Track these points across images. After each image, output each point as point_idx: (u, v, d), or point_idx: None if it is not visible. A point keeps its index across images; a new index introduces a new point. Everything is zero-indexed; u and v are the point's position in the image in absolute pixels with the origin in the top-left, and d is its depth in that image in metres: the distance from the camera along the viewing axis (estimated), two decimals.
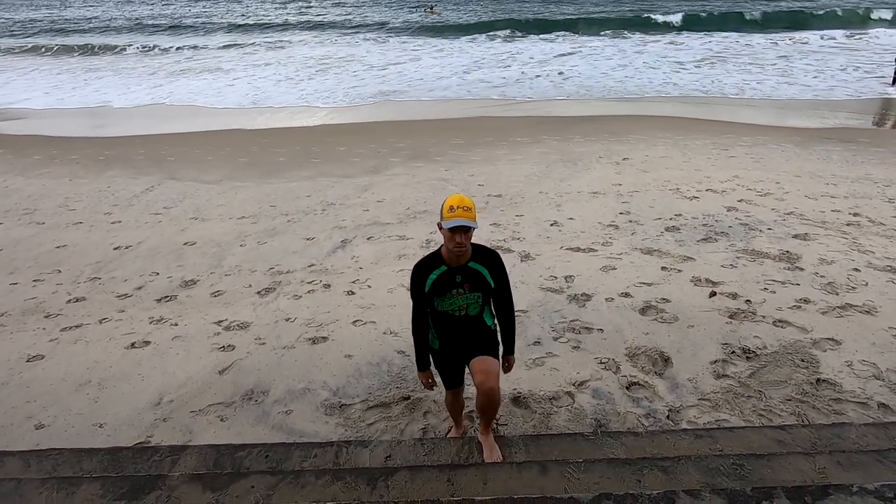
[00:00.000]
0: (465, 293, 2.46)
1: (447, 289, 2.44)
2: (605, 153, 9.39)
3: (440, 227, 2.36)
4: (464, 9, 42.75)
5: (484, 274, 2.46)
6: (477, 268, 2.45)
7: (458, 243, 2.31)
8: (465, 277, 2.44)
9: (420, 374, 2.69)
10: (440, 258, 2.45)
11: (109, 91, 17.53)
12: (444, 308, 2.49)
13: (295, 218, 6.88)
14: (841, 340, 3.76)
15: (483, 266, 2.47)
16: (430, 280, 2.43)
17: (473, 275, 2.45)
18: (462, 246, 2.33)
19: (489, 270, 2.48)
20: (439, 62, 20.76)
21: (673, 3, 38.13)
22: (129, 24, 37.31)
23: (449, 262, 2.42)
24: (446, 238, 2.34)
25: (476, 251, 2.47)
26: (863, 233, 5.71)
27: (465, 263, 2.43)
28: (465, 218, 2.27)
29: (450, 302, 2.47)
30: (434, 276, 2.43)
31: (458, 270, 2.43)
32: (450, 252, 2.38)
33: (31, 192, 8.27)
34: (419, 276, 2.47)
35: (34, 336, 4.31)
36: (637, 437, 2.77)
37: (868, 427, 2.77)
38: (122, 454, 2.75)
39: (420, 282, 2.47)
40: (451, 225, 2.27)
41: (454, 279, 2.44)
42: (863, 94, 14.56)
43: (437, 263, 2.44)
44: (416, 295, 2.52)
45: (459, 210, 2.27)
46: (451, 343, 2.61)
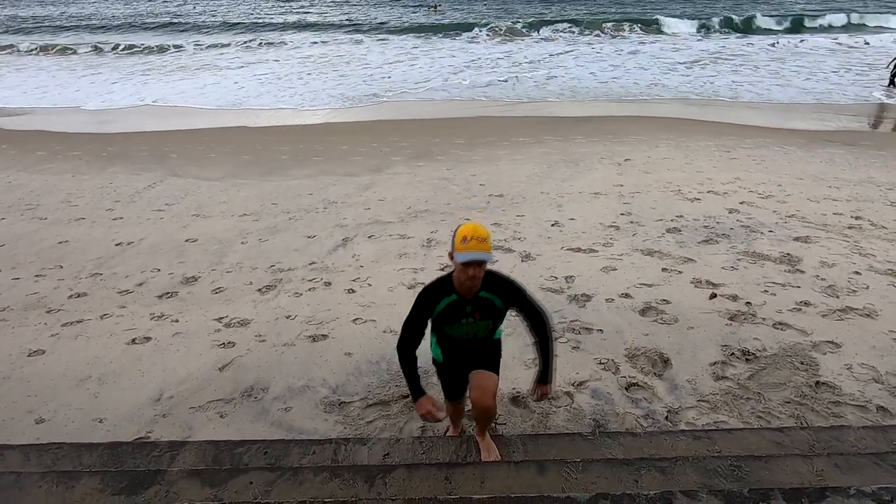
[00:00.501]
0: (475, 321, 2.39)
1: (457, 318, 2.37)
2: (606, 154, 9.39)
3: (451, 256, 2.22)
4: (468, 7, 42.79)
5: (495, 302, 2.37)
6: (488, 297, 2.35)
7: (470, 276, 2.19)
8: (476, 307, 2.36)
9: (418, 405, 2.40)
10: (451, 285, 2.32)
11: (88, 90, 17.05)
12: (451, 333, 2.45)
13: (296, 216, 6.89)
14: (841, 343, 3.76)
15: (494, 294, 2.36)
16: (440, 307, 2.34)
17: (484, 304, 2.36)
18: (476, 279, 2.22)
19: (501, 299, 2.38)
20: (431, 63, 20.60)
21: (678, 6, 38.20)
22: (124, 21, 36.98)
23: (460, 290, 2.31)
24: (458, 270, 2.21)
25: (487, 280, 2.32)
26: (864, 236, 5.70)
27: (476, 293, 2.33)
28: (481, 250, 2.12)
29: (458, 329, 2.41)
30: (443, 304, 2.33)
31: (470, 301, 2.34)
32: (462, 284, 2.27)
33: (33, 187, 8.29)
34: (427, 302, 2.35)
35: (35, 331, 4.32)
36: (635, 437, 2.78)
37: (866, 430, 2.77)
38: (121, 449, 2.76)
39: (427, 308, 2.36)
40: (465, 259, 2.13)
41: (464, 309, 2.35)
42: (858, 98, 14.63)
43: (447, 291, 2.32)
44: (417, 319, 2.38)
45: (473, 241, 2.12)
46: (455, 358, 2.57)
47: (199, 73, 19.50)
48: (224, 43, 26.87)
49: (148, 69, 20.69)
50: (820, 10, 32.77)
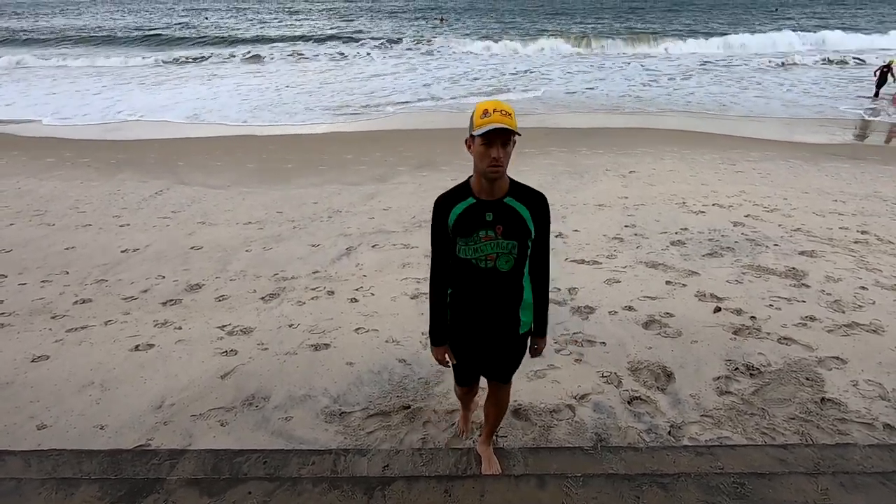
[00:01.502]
0: (495, 237, 1.91)
1: (474, 228, 1.90)
2: (611, 165, 9.40)
3: (468, 143, 1.84)
4: (476, 21, 43.32)
5: (524, 216, 1.91)
6: (515, 205, 1.91)
7: (494, 159, 1.77)
8: (498, 217, 1.90)
9: (435, 350, 2.21)
10: (468, 188, 1.94)
11: (56, 102, 16.25)
12: (466, 255, 1.95)
13: (301, 224, 6.93)
14: (847, 359, 3.72)
15: (523, 205, 1.92)
16: (455, 213, 1.91)
17: (509, 214, 1.90)
18: (499, 164, 1.78)
19: (531, 212, 1.92)
20: (412, 74, 20.64)
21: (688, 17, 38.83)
22: (121, 33, 36.71)
23: (479, 193, 1.90)
24: (478, 155, 1.80)
25: (515, 186, 1.94)
26: (871, 251, 5.66)
27: (500, 197, 1.90)
28: (505, 123, 1.72)
29: (475, 247, 1.92)
30: (459, 208, 1.91)
31: (491, 205, 1.89)
32: (482, 176, 1.85)
33: (42, 193, 8.39)
34: (441, 210, 1.95)
35: (40, 336, 4.35)
36: (637, 452, 2.75)
37: (873, 448, 2.73)
38: (121, 456, 2.76)
39: (442, 216, 1.94)
40: (487, 130, 1.72)
41: (484, 216, 1.90)
42: (843, 109, 14.97)
43: (464, 194, 1.93)
44: (438, 235, 1.99)
45: (496, 114, 1.73)
46: (468, 314, 2.11)
47: (165, 87, 19.27)
48: (201, 56, 26.64)
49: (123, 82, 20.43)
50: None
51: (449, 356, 2.27)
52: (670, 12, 46.61)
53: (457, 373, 2.49)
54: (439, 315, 2.16)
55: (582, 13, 48.44)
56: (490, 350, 2.25)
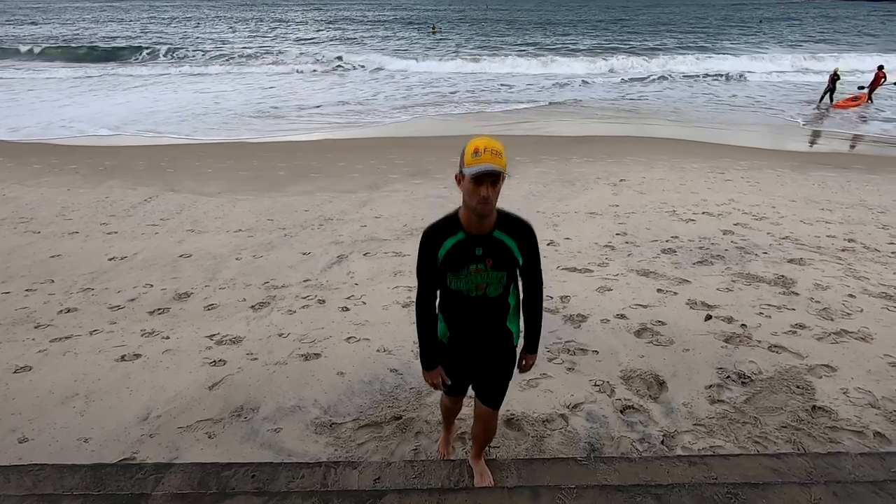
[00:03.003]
0: (485, 270, 1.98)
1: (464, 262, 1.95)
2: (602, 174, 9.47)
3: (458, 178, 1.87)
4: (468, 31, 43.62)
5: (511, 248, 1.98)
6: (503, 238, 1.97)
7: (483, 198, 1.80)
8: (488, 250, 1.95)
9: (427, 374, 2.22)
10: (457, 222, 1.96)
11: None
12: (458, 287, 2.00)
13: (292, 232, 6.88)
14: (836, 367, 3.74)
15: (511, 237, 1.98)
16: (444, 249, 1.95)
17: (498, 247, 1.96)
18: (488, 203, 1.82)
19: (518, 243, 1.99)
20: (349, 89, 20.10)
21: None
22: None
23: (468, 228, 1.93)
24: (468, 192, 1.83)
25: (503, 218, 1.98)
26: (858, 259, 5.74)
27: (488, 232, 1.95)
28: (494, 164, 1.76)
29: (465, 280, 1.98)
30: (449, 243, 1.94)
31: (480, 240, 1.94)
32: (471, 212, 1.89)
33: (28, 200, 8.26)
34: (431, 244, 1.97)
35: (23, 346, 4.25)
36: (631, 462, 2.73)
37: (864, 457, 2.73)
38: (104, 471, 2.69)
39: (431, 251, 1.97)
40: (477, 171, 1.76)
41: (473, 251, 1.95)
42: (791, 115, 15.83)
43: (453, 229, 1.95)
44: (426, 269, 2.02)
45: (487, 154, 1.76)
46: (463, 333, 2.17)
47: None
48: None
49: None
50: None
51: (443, 377, 2.29)
52: (656, 26, 47.18)
53: (447, 385, 2.45)
54: (428, 342, 2.19)
55: (573, 25, 49.07)
56: (482, 360, 2.29)
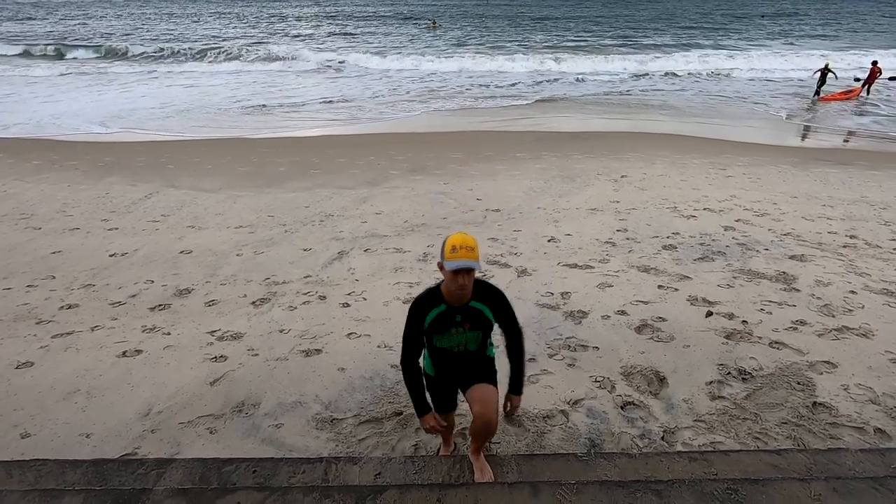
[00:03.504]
0: (464, 332, 2.41)
1: (447, 327, 2.38)
2: (603, 170, 9.45)
3: (441, 266, 2.26)
4: (468, 26, 43.42)
5: (485, 312, 2.41)
6: (478, 307, 2.39)
7: (460, 285, 2.23)
8: (466, 317, 2.38)
9: (422, 421, 2.52)
10: (440, 295, 2.37)
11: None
12: (442, 345, 2.44)
13: (292, 228, 6.87)
14: (837, 363, 3.74)
15: (484, 305, 2.40)
16: (430, 318, 2.36)
17: (474, 314, 2.39)
18: (465, 288, 2.25)
19: (491, 309, 2.41)
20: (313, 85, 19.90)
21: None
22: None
23: (449, 301, 2.35)
24: (448, 279, 2.25)
25: (477, 289, 2.38)
26: (859, 255, 5.72)
27: (466, 303, 2.36)
28: (469, 259, 2.17)
29: (448, 339, 2.42)
30: (433, 314, 2.36)
31: (459, 310, 2.36)
32: (451, 293, 2.31)
33: (29, 196, 8.26)
34: (418, 313, 2.39)
35: (25, 342, 4.26)
36: (631, 458, 2.73)
37: (864, 453, 2.73)
38: (106, 466, 2.70)
39: (419, 319, 2.39)
40: (454, 267, 2.17)
41: (454, 318, 2.37)
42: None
43: (436, 301, 2.36)
44: (412, 334, 2.42)
45: (462, 250, 2.17)
46: (447, 373, 2.56)
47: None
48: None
49: None
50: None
51: (437, 420, 2.53)
52: (657, 22, 46.73)
53: (436, 403, 2.62)
54: (418, 393, 2.50)
55: (574, 21, 48.78)
56: (468, 376, 2.58)
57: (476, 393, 2.49)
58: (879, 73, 17.85)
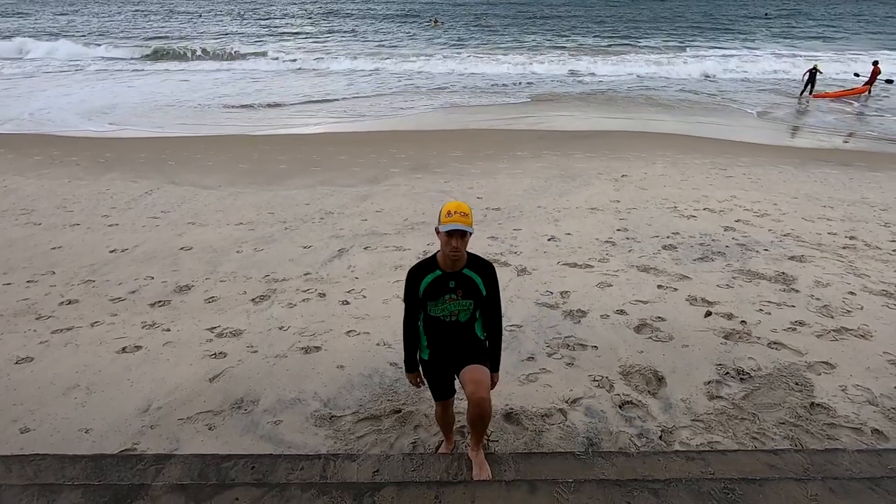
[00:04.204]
0: (457, 299, 2.52)
1: (440, 293, 2.49)
2: (604, 169, 9.44)
3: (438, 231, 2.42)
4: (470, 25, 43.29)
5: (477, 282, 2.53)
6: (471, 275, 2.52)
7: (454, 247, 2.37)
8: (459, 283, 2.50)
9: (409, 375, 2.77)
10: (435, 263, 2.51)
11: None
12: (435, 313, 2.54)
13: (293, 226, 6.88)
14: (835, 364, 3.75)
15: (477, 274, 2.53)
16: (425, 283, 2.49)
17: (467, 282, 2.51)
18: (458, 250, 2.39)
19: (482, 279, 2.54)
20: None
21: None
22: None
23: (444, 267, 2.48)
24: (443, 242, 2.41)
25: (471, 259, 2.54)
26: (859, 256, 5.72)
27: (459, 270, 2.50)
28: (462, 223, 2.34)
29: (442, 307, 2.52)
30: (428, 279, 2.49)
31: (453, 276, 2.49)
32: (446, 256, 2.44)
33: (29, 192, 8.26)
34: (414, 280, 2.53)
35: (24, 338, 4.27)
36: (628, 457, 2.74)
37: (861, 454, 2.74)
38: (105, 461, 2.71)
39: (414, 285, 2.52)
40: (449, 228, 2.34)
41: (447, 284, 2.49)
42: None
43: (432, 267, 2.50)
44: (410, 298, 2.57)
45: (457, 215, 2.34)
46: (441, 350, 2.65)
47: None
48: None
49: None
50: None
51: (421, 378, 2.74)
52: (656, 22, 46.32)
53: (434, 389, 2.73)
54: (410, 351, 2.70)
55: (578, 19, 48.60)
56: (459, 358, 2.66)
57: (468, 374, 2.56)
58: (879, 73, 18.04)
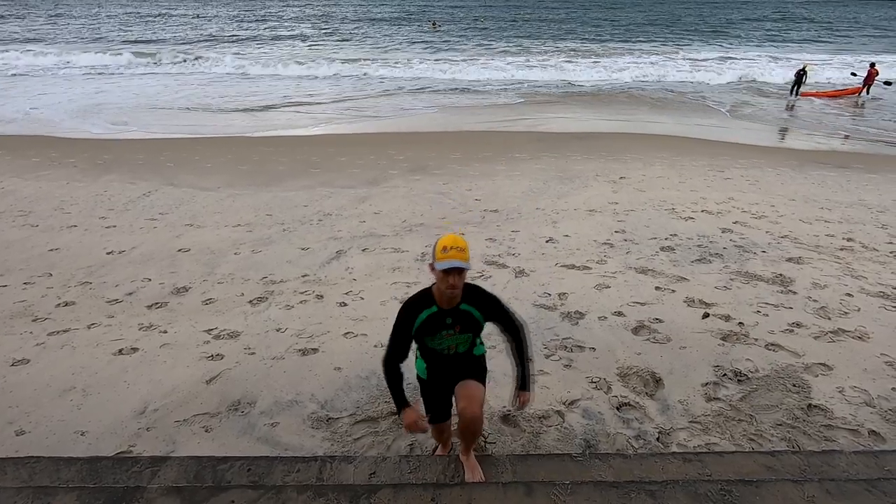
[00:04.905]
0: (455, 334, 2.43)
1: (437, 329, 2.40)
2: (602, 171, 9.45)
3: (432, 268, 2.28)
4: (472, 27, 43.35)
5: (475, 315, 2.43)
6: (468, 310, 2.41)
7: (451, 285, 2.25)
8: (456, 319, 2.39)
9: (404, 415, 2.44)
10: (431, 298, 2.38)
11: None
12: (433, 346, 2.46)
13: (291, 227, 6.87)
14: (833, 366, 3.75)
15: (474, 307, 2.42)
16: (420, 320, 2.38)
17: (464, 317, 2.41)
18: (455, 288, 2.27)
19: (482, 312, 2.44)
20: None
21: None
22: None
23: (440, 303, 2.36)
24: (439, 279, 2.28)
25: (468, 292, 2.40)
26: (856, 258, 5.74)
27: (456, 305, 2.38)
28: (459, 259, 2.21)
29: (439, 341, 2.44)
30: (424, 315, 2.37)
31: (450, 312, 2.38)
32: (442, 293, 2.32)
33: (27, 193, 8.25)
34: (408, 315, 2.39)
35: (21, 340, 4.26)
36: (625, 459, 2.74)
37: (858, 455, 2.74)
38: (101, 464, 2.70)
39: (408, 320, 2.39)
40: (445, 267, 2.20)
41: (444, 320, 2.38)
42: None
43: (428, 303, 2.38)
44: (400, 332, 2.42)
45: (453, 251, 2.21)
46: (439, 374, 2.58)
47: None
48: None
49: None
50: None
51: (420, 418, 2.48)
52: (641, 27, 46.12)
53: (431, 411, 2.66)
54: (397, 390, 2.47)
55: (575, 22, 48.72)
56: (458, 376, 2.58)
57: (462, 390, 2.52)
58: (877, 74, 18.24)
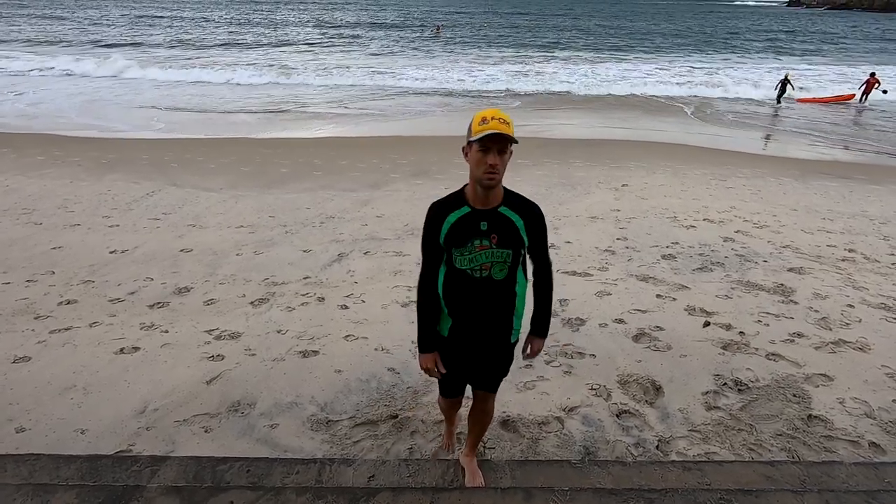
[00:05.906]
0: (490, 246, 1.91)
1: (468, 237, 1.90)
2: (604, 178, 9.47)
3: (465, 151, 1.84)
4: (476, 33, 43.54)
5: (518, 225, 1.92)
6: (509, 215, 1.91)
7: (490, 166, 1.76)
8: (493, 226, 1.90)
9: (422, 357, 2.14)
10: (463, 197, 1.93)
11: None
12: (462, 265, 1.94)
13: (293, 229, 6.89)
14: (833, 376, 3.75)
15: (517, 214, 1.92)
16: (449, 223, 1.90)
17: (504, 224, 1.90)
18: (495, 172, 1.78)
19: (525, 222, 1.93)
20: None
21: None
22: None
23: (474, 202, 1.89)
24: (475, 162, 1.80)
25: (510, 196, 1.95)
26: (857, 269, 5.74)
27: (494, 207, 1.90)
28: (502, 130, 1.73)
29: (470, 257, 1.92)
30: (454, 217, 1.90)
31: (485, 215, 1.89)
32: (477, 184, 1.84)
33: (31, 191, 8.28)
34: (435, 218, 1.93)
35: (22, 337, 4.27)
36: (625, 466, 2.74)
37: (858, 467, 2.74)
38: (100, 462, 2.70)
39: (435, 225, 1.93)
40: (484, 135, 1.72)
41: (478, 225, 1.89)
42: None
43: (458, 203, 1.92)
44: (429, 245, 1.97)
45: (494, 121, 1.73)
46: (466, 322, 2.07)
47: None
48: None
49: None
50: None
51: (438, 364, 2.20)
52: (634, 37, 46.21)
53: (443, 384, 2.44)
54: (428, 322, 2.11)
55: (579, 31, 48.93)
56: (480, 358, 2.23)
57: (479, 403, 2.48)
58: (877, 84, 18.63)
